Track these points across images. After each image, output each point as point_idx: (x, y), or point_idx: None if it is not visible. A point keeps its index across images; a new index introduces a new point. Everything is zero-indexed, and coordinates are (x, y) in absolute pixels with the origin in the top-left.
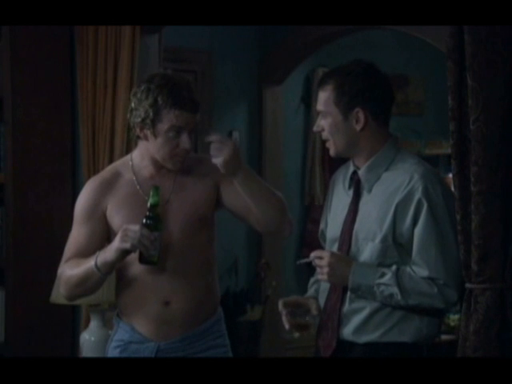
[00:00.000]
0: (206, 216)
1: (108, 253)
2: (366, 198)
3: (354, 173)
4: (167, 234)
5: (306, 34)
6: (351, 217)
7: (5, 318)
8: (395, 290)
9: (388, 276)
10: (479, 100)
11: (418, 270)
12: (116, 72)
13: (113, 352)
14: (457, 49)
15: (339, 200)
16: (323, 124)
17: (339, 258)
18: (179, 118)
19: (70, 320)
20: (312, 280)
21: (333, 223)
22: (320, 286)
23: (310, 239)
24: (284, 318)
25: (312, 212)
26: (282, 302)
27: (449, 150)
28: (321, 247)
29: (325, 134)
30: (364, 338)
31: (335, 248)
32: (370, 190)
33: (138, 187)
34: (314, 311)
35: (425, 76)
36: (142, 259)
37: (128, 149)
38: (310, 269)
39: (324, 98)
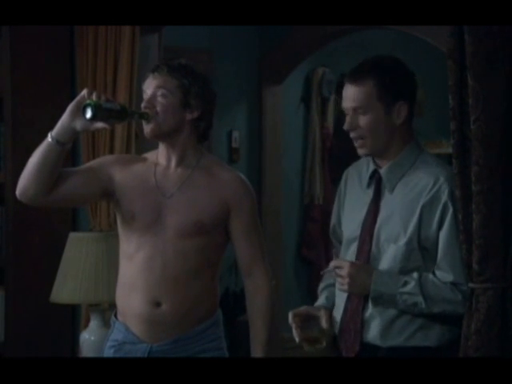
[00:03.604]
0: (203, 223)
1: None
2: (387, 198)
3: (374, 171)
4: (160, 231)
5: (306, 33)
6: (372, 217)
7: (5, 317)
8: (419, 299)
9: (411, 285)
10: (479, 99)
11: (443, 274)
12: (116, 72)
13: (107, 352)
14: (457, 48)
15: (355, 198)
16: (360, 121)
17: (359, 268)
18: (145, 82)
19: (69, 320)
20: (322, 285)
21: (349, 222)
22: (334, 288)
23: (310, 238)
24: (294, 331)
25: (311, 211)
26: (292, 314)
27: (449, 150)
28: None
29: (360, 132)
30: (388, 342)
31: (354, 248)
32: (391, 190)
33: (152, 174)
34: (325, 324)
35: (425, 76)
36: (86, 107)
37: (128, 148)
38: (310, 269)
39: (363, 93)
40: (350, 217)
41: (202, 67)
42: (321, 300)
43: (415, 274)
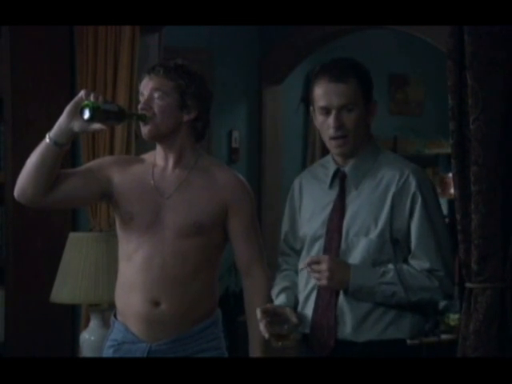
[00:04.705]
0: (202, 223)
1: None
2: (353, 195)
3: (337, 170)
4: (159, 232)
5: (306, 34)
6: (338, 214)
7: (5, 317)
8: (398, 288)
9: (390, 274)
10: (479, 99)
11: (419, 263)
12: (116, 72)
13: (107, 352)
14: (457, 48)
15: (316, 200)
16: (346, 119)
17: (338, 262)
18: (142, 84)
19: (69, 320)
20: (276, 289)
21: (311, 223)
22: (291, 291)
23: None
24: (262, 328)
25: None
26: (261, 311)
27: (449, 150)
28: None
29: (345, 130)
30: (363, 337)
31: (318, 246)
32: (357, 187)
33: (150, 175)
34: (294, 319)
35: (425, 76)
36: (84, 108)
37: (128, 149)
38: None
39: (350, 90)
40: (311, 218)
41: (201, 67)
42: (281, 300)
43: (391, 265)
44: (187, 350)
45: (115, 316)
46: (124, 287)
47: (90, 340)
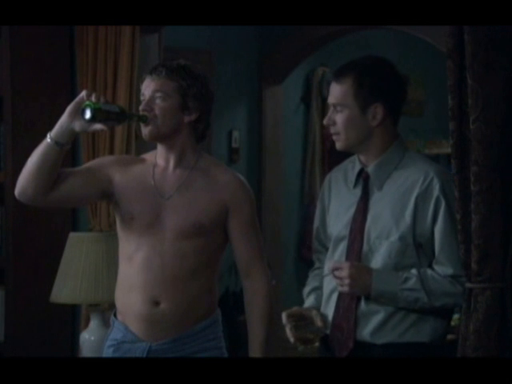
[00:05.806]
0: (202, 224)
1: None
2: (377, 196)
3: (361, 170)
4: (159, 232)
5: (306, 34)
6: (361, 215)
7: (5, 317)
8: (421, 294)
9: (413, 281)
10: (479, 99)
11: (442, 268)
12: (116, 72)
13: (107, 351)
14: (457, 48)
15: (342, 199)
16: (336, 118)
17: (359, 268)
18: (143, 84)
19: (69, 320)
20: (307, 289)
21: (336, 223)
22: (320, 291)
23: (310, 239)
24: (288, 332)
25: (312, 211)
26: (286, 315)
27: (449, 150)
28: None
29: (336, 128)
30: (382, 339)
31: (342, 247)
32: (380, 188)
33: (151, 175)
34: (319, 323)
35: (425, 76)
36: (85, 108)
37: (128, 149)
38: (310, 269)
39: (342, 90)
40: (336, 217)
41: (201, 67)
42: (310, 301)
43: (414, 270)
44: (187, 350)
45: (115, 315)
46: (124, 287)
47: (90, 340)
